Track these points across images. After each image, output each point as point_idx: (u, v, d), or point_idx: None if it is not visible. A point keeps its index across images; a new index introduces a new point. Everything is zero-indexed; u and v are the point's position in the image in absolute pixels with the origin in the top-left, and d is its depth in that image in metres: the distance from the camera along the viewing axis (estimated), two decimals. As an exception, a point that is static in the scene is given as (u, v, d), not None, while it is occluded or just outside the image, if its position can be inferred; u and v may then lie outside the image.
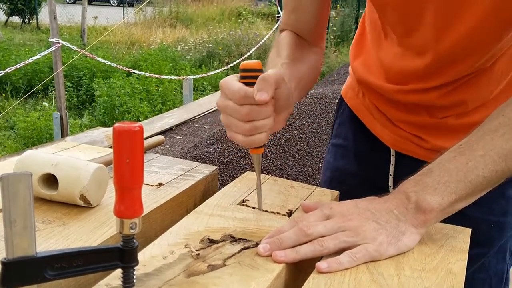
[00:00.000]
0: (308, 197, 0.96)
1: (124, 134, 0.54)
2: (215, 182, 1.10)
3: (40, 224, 0.78)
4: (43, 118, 5.58)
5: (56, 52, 4.83)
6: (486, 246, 1.05)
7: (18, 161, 0.85)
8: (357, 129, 1.18)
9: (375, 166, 1.15)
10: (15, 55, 8.00)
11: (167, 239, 0.75)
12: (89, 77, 7.26)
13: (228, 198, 0.92)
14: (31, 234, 0.51)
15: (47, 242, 0.73)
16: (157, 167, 1.07)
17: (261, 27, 13.35)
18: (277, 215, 0.87)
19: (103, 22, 13.71)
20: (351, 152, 1.20)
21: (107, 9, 16.47)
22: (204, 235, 0.77)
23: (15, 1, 14.09)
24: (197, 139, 4.67)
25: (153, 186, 0.97)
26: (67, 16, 13.99)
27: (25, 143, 5.27)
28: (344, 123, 1.23)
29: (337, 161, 1.23)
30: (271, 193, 0.96)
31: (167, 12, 15.74)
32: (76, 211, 0.83)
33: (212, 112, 5.92)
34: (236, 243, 0.76)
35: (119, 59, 8.66)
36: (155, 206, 0.88)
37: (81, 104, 7.09)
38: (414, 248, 0.79)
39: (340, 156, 1.23)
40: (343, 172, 1.21)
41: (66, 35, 10.58)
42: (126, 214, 0.56)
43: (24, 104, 6.83)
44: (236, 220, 0.83)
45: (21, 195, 0.49)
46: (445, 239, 0.84)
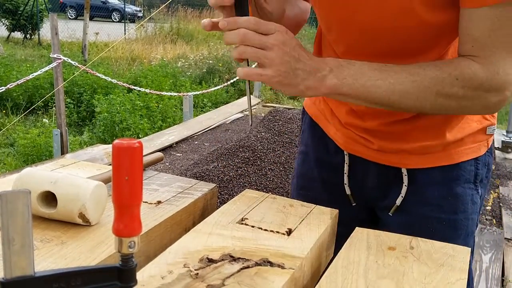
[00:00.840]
0: (307, 215, 0.96)
1: (124, 151, 0.54)
2: (214, 200, 1.10)
3: (38, 243, 0.77)
4: (43, 135, 5.57)
5: (57, 68, 4.84)
6: None
7: (17, 178, 0.85)
8: (316, 135, 1.28)
9: (332, 168, 1.24)
10: (16, 71, 8.02)
11: (165, 258, 0.75)
12: (90, 93, 7.26)
13: (227, 217, 0.92)
14: (30, 253, 0.51)
15: (45, 261, 0.73)
16: (156, 185, 1.07)
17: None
18: (276, 234, 0.87)
19: (104, 38, 13.78)
20: (312, 157, 1.29)
21: (109, 25, 16.57)
22: (203, 254, 0.77)
23: (17, 17, 14.19)
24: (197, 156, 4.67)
25: (152, 204, 0.96)
26: (69, 32, 14.08)
27: (24, 160, 5.26)
28: (305, 130, 1.33)
29: (301, 167, 1.33)
30: (270, 212, 0.96)
31: (168, 28, 15.83)
32: (75, 230, 0.83)
33: (212, 129, 5.93)
34: (235, 263, 0.75)
35: (120, 75, 8.68)
36: (154, 225, 0.87)
37: (81, 121, 7.09)
38: (413, 267, 0.79)
39: (302, 162, 1.32)
40: (306, 177, 1.30)
41: (67, 51, 10.63)
42: (125, 232, 0.55)
43: (24, 120, 6.83)
44: (235, 239, 0.83)
45: (19, 213, 0.49)
46: (445, 258, 0.84)
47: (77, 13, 21.94)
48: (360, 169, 1.20)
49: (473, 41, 0.91)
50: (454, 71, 0.91)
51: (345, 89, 0.92)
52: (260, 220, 0.91)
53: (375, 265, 0.80)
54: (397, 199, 1.15)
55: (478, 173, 1.14)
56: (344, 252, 0.85)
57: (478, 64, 0.90)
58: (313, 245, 0.84)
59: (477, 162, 1.13)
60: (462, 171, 1.12)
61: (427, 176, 1.13)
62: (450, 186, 1.12)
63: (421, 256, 0.84)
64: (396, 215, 1.16)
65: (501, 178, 4.66)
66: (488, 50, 0.90)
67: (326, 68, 0.92)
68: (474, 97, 0.93)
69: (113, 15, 23.29)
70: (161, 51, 12.84)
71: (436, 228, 1.09)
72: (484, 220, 3.74)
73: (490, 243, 3.18)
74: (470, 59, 0.92)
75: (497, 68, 0.90)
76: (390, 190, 1.16)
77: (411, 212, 1.14)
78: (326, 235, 0.93)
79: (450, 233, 1.11)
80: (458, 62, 0.92)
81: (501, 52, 0.89)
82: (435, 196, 1.13)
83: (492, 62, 0.90)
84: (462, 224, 1.13)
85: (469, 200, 1.14)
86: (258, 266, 0.75)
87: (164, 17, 17.73)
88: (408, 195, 1.14)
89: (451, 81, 0.91)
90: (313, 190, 1.26)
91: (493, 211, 3.92)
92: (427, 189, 1.13)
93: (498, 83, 0.91)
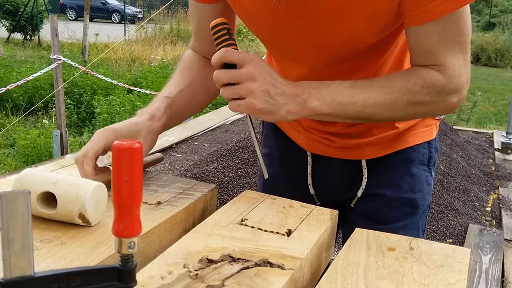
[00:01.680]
0: (307, 216, 0.96)
1: (123, 152, 0.54)
2: (214, 200, 1.10)
3: (38, 243, 0.77)
4: (43, 135, 5.57)
5: (57, 69, 4.85)
6: (401, 222, 1.21)
7: (17, 179, 0.85)
8: (278, 138, 1.34)
9: (296, 167, 1.31)
10: (16, 72, 8.02)
11: (165, 259, 0.75)
12: (90, 94, 7.27)
13: (227, 217, 0.92)
14: (29, 253, 0.51)
15: (45, 261, 0.73)
16: (156, 185, 1.07)
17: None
18: (276, 234, 0.87)
19: (104, 39, 13.77)
20: (276, 159, 1.35)
21: (109, 26, 16.57)
22: (202, 255, 0.77)
23: (18, 18, 14.19)
24: (196, 157, 4.67)
25: (152, 205, 0.96)
26: (69, 33, 14.08)
27: (24, 161, 5.26)
28: (268, 134, 1.40)
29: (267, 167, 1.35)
30: (270, 212, 0.96)
31: (168, 30, 15.83)
32: (75, 230, 0.83)
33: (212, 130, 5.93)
34: (235, 263, 0.75)
35: (120, 76, 8.68)
36: (153, 225, 0.87)
37: (81, 122, 7.09)
38: (413, 268, 0.79)
39: (269, 163, 1.37)
40: (272, 177, 1.33)
41: (67, 52, 10.63)
42: (125, 233, 0.55)
43: (24, 121, 6.84)
44: (235, 239, 0.83)
45: (19, 214, 0.49)
46: (444, 259, 0.84)
47: (77, 14, 21.94)
48: (323, 167, 1.27)
49: (425, 53, 0.98)
50: (418, 79, 0.98)
51: (325, 109, 0.96)
52: (260, 221, 0.91)
53: (375, 266, 0.80)
54: (358, 191, 1.23)
55: (431, 156, 1.24)
56: (344, 253, 0.85)
57: (436, 72, 0.98)
58: (313, 245, 0.84)
59: (430, 145, 1.23)
60: (416, 153, 1.22)
61: (385, 162, 1.21)
62: (406, 166, 1.21)
63: (420, 257, 0.84)
64: (359, 203, 1.24)
65: (500, 179, 4.66)
66: (440, 58, 0.98)
67: (304, 91, 0.96)
68: (438, 101, 1.00)
69: (113, 16, 23.30)
70: (161, 52, 12.84)
71: (396, 206, 1.19)
72: (484, 221, 3.74)
73: (490, 244, 3.17)
74: (427, 67, 0.99)
75: (453, 72, 0.98)
76: (352, 183, 1.24)
77: (372, 196, 1.22)
78: (326, 236, 0.94)
79: (408, 210, 1.21)
80: (419, 71, 0.99)
81: (452, 57, 0.97)
82: (394, 177, 1.21)
83: (447, 68, 0.98)
84: (419, 203, 1.22)
85: (424, 181, 1.23)
86: (258, 267, 0.75)
87: (164, 18, 17.72)
88: (368, 182, 1.22)
89: (417, 89, 0.98)
90: (279, 189, 1.28)
91: (493, 212, 3.92)
92: (386, 172, 1.21)
93: (456, 85, 0.99)
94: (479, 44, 16.24)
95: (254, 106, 0.92)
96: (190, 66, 1.23)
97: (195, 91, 1.18)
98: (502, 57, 16.46)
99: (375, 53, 1.08)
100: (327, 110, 0.96)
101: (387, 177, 1.21)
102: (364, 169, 1.21)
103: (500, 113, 9.30)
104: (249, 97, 0.92)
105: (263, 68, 0.94)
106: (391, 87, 0.98)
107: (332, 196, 1.28)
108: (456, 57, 0.97)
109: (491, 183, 4.54)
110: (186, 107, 1.19)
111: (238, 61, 0.94)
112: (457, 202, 3.92)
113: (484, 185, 4.46)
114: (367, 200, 1.23)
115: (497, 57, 16.39)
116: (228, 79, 0.93)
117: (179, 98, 1.15)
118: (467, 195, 4.10)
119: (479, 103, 8.12)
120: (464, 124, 7.55)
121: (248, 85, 0.92)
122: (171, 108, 1.12)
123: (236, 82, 0.93)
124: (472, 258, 2.95)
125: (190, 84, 1.18)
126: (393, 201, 1.20)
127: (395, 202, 1.20)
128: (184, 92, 1.16)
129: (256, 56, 0.95)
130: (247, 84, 0.92)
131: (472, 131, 6.57)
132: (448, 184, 4.17)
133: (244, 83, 0.92)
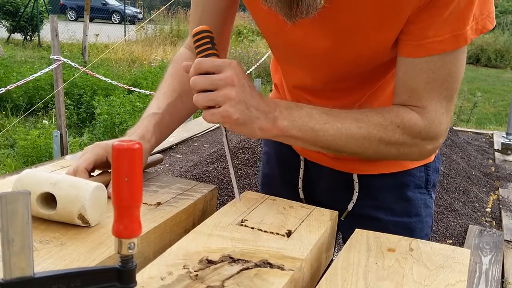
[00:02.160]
0: (307, 217, 0.96)
1: (123, 152, 0.54)
2: (214, 201, 1.10)
3: (37, 244, 0.77)
4: (43, 136, 5.57)
5: (57, 70, 4.85)
6: None
7: (17, 180, 0.85)
8: None
9: (290, 169, 1.31)
10: (16, 72, 8.02)
11: (165, 259, 0.75)
12: (90, 94, 7.27)
13: (227, 218, 0.92)
14: (29, 254, 0.51)
15: (45, 262, 0.73)
16: (155, 186, 1.07)
17: (261, 45, 13.43)
18: (276, 235, 0.87)
19: (104, 39, 13.78)
20: (273, 158, 1.36)
21: (109, 27, 16.57)
22: (202, 255, 0.77)
23: (18, 18, 14.19)
24: (196, 158, 4.67)
25: (152, 206, 0.96)
26: (69, 33, 14.09)
27: (24, 162, 5.26)
28: None
29: (264, 167, 1.41)
30: (270, 213, 0.96)
31: (168, 30, 15.84)
32: (74, 231, 0.83)
33: (212, 130, 5.93)
34: (235, 264, 0.75)
35: (120, 77, 8.68)
36: (153, 226, 0.87)
37: (81, 122, 7.09)
38: (413, 269, 0.79)
39: (266, 162, 1.39)
40: (269, 176, 1.38)
41: (67, 52, 10.63)
42: (124, 233, 0.55)
43: (24, 122, 6.84)
44: (235, 240, 0.83)
45: (19, 214, 0.49)
46: (444, 259, 0.84)
47: (77, 15, 21.96)
48: (314, 173, 1.27)
49: (410, 92, 0.95)
50: (396, 118, 0.95)
51: (294, 132, 0.92)
52: (259, 222, 0.91)
53: (375, 267, 0.80)
54: (348, 205, 1.20)
55: (429, 178, 1.20)
56: (344, 253, 0.85)
57: (416, 114, 0.95)
58: (312, 246, 0.84)
59: (427, 168, 1.19)
60: (412, 177, 1.18)
61: (379, 182, 1.18)
62: (401, 191, 1.18)
63: (420, 258, 0.84)
64: (349, 219, 1.21)
65: (500, 180, 4.66)
66: (424, 100, 0.94)
67: (276, 109, 0.92)
68: (412, 144, 0.97)
69: (113, 16, 23.31)
70: (161, 53, 12.85)
71: (391, 230, 1.08)
72: (484, 222, 3.74)
73: (490, 245, 3.17)
74: (408, 108, 0.96)
75: (433, 118, 0.95)
76: (341, 195, 1.21)
77: (363, 215, 1.19)
78: (326, 237, 0.94)
79: (404, 233, 1.13)
80: (398, 110, 0.96)
81: (436, 102, 0.94)
82: (388, 200, 1.18)
83: (428, 112, 0.95)
84: (416, 226, 1.19)
85: (421, 204, 1.19)
86: (258, 268, 0.75)
87: (164, 19, 17.72)
88: (360, 200, 1.19)
89: (393, 129, 0.95)
90: (276, 188, 1.32)
91: (493, 213, 3.92)
92: (379, 193, 1.18)
93: (434, 131, 0.96)
94: (479, 44, 16.25)
95: (231, 115, 0.87)
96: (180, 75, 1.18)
97: (184, 101, 1.14)
98: (502, 58, 16.46)
99: (375, 75, 1.06)
100: (296, 133, 0.92)
101: (379, 199, 1.18)
102: (356, 183, 1.18)
103: (500, 114, 9.30)
104: (226, 105, 0.87)
105: (242, 74, 0.89)
106: (366, 122, 0.94)
107: (320, 204, 1.24)
108: (440, 103, 0.94)
109: (491, 184, 4.55)
110: (176, 119, 1.17)
111: (214, 69, 0.88)
112: (457, 203, 3.92)
113: (484, 186, 4.46)
114: (358, 217, 1.19)
115: (497, 57, 16.40)
116: (206, 84, 0.88)
117: (168, 111, 1.12)
118: (467, 196, 4.10)
119: (479, 104, 8.12)
120: (464, 125, 7.56)
121: (226, 92, 0.86)
122: (160, 125, 1.10)
123: (213, 88, 0.87)
124: (472, 259, 2.95)
125: (180, 94, 1.14)
126: (388, 224, 1.17)
127: (389, 225, 1.16)
128: (173, 105, 1.13)
129: (234, 61, 0.90)
130: (225, 90, 0.87)
131: (472, 132, 6.57)
132: (448, 185, 4.18)
133: (222, 89, 0.87)
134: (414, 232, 1.18)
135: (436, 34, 0.89)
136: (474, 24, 0.89)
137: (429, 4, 0.87)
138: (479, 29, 0.90)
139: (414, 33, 0.90)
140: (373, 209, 1.19)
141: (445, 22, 0.88)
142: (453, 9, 0.86)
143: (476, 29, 0.90)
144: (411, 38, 0.91)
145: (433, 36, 0.89)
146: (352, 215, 1.21)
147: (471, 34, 0.90)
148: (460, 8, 0.86)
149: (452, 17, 0.87)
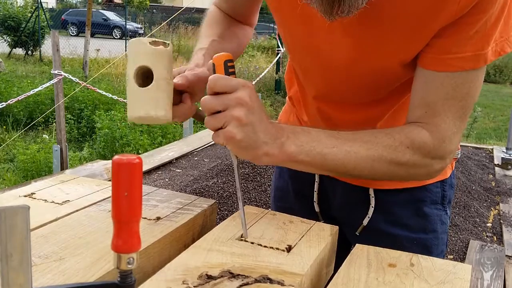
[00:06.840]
0: (307, 232, 0.95)
1: (123, 166, 0.54)
2: (213, 216, 1.09)
3: (36, 258, 0.77)
4: (43, 150, 5.58)
5: (58, 84, 4.86)
6: None
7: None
8: None
9: (304, 183, 1.28)
10: (17, 86, 8.05)
11: (164, 275, 0.74)
12: (91, 109, 7.29)
13: (226, 233, 0.91)
14: (28, 269, 0.50)
15: (43, 277, 0.72)
16: (155, 201, 1.07)
17: (261, 60, 13.49)
18: (276, 250, 0.86)
19: (105, 54, 13.85)
20: (286, 172, 1.34)
21: (110, 42, 16.66)
22: (202, 270, 0.76)
23: (19, 33, 14.27)
24: (196, 172, 4.66)
25: (151, 220, 0.96)
26: (70, 48, 14.16)
27: (24, 176, 5.26)
28: None
29: (277, 180, 1.39)
30: (270, 228, 0.95)
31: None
32: (73, 246, 0.82)
33: (212, 145, 5.93)
34: (235, 279, 0.75)
35: (121, 92, 8.70)
36: (153, 241, 0.87)
37: (81, 137, 7.10)
38: (414, 284, 0.79)
39: (278, 175, 1.38)
40: (281, 190, 1.36)
41: (68, 67, 10.68)
42: (124, 248, 0.55)
43: (24, 136, 6.85)
44: (234, 255, 0.83)
45: (18, 229, 0.49)
46: (445, 275, 0.83)
47: (79, 30, 22.10)
48: (329, 187, 1.25)
49: (426, 106, 0.93)
50: (406, 139, 0.93)
51: (302, 157, 0.90)
52: (259, 237, 0.91)
53: (375, 282, 0.80)
54: (363, 219, 1.18)
55: (445, 194, 1.18)
56: (344, 269, 0.84)
57: (428, 132, 0.93)
58: (313, 261, 0.83)
59: (444, 184, 1.17)
60: (428, 193, 1.16)
61: (395, 197, 1.16)
62: (417, 206, 1.16)
63: (421, 273, 0.84)
64: (364, 235, 1.19)
65: (501, 195, 4.65)
66: (439, 118, 0.93)
67: (283, 134, 0.89)
68: (421, 165, 0.95)
69: (114, 32, 23.47)
70: (161, 68, 12.86)
71: (406, 247, 1.07)
72: (485, 237, 3.73)
73: (491, 261, 3.16)
74: (420, 126, 0.94)
75: (444, 137, 0.94)
76: (357, 210, 1.20)
77: (379, 231, 1.17)
78: (326, 252, 0.93)
79: (420, 252, 1.11)
80: (408, 130, 0.95)
81: (450, 121, 0.93)
82: (403, 216, 1.16)
83: (440, 131, 0.93)
84: (432, 243, 1.17)
85: (437, 220, 1.18)
86: (258, 283, 0.74)
87: (165, 34, 17.81)
88: (375, 215, 1.17)
89: (403, 150, 0.93)
90: (288, 202, 1.31)
91: (494, 228, 3.90)
92: (395, 209, 1.16)
93: (443, 151, 0.95)
94: (478, 60, 16.29)
95: (234, 136, 0.83)
96: (217, 21, 1.19)
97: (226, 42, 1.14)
98: (501, 73, 16.52)
99: (397, 91, 1.05)
100: (304, 158, 0.90)
101: (395, 215, 1.16)
102: (372, 197, 1.16)
103: (499, 129, 9.31)
104: (231, 125, 0.83)
105: (255, 97, 0.86)
106: (375, 143, 0.92)
107: (335, 218, 1.24)
108: (454, 122, 0.93)
109: (491, 199, 4.53)
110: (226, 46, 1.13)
111: (228, 89, 0.84)
112: (458, 218, 3.91)
113: (484, 201, 4.45)
114: (373, 232, 1.18)
115: (496, 73, 16.45)
116: (216, 105, 0.84)
117: (213, 47, 1.08)
118: (468, 211, 4.09)
119: (479, 119, 8.14)
120: (464, 139, 7.56)
121: (235, 112, 0.83)
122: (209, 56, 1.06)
123: (223, 109, 0.84)
124: (473, 275, 2.93)
125: (220, 35, 1.13)
126: (403, 240, 1.15)
127: (404, 241, 1.14)
128: (216, 43, 1.11)
129: (249, 83, 0.87)
130: (233, 111, 0.83)
131: (472, 146, 6.56)
132: (449, 200, 4.16)
133: (231, 109, 0.83)
134: (431, 249, 1.16)
135: (458, 50, 0.88)
136: (494, 46, 0.88)
137: (459, 20, 0.86)
138: (498, 51, 0.89)
139: (437, 46, 0.89)
140: (389, 224, 1.17)
141: (470, 39, 0.87)
142: (479, 28, 0.86)
143: (495, 51, 0.89)
144: (433, 50, 0.90)
145: (455, 52, 0.88)
146: (367, 230, 1.19)
147: (491, 55, 0.89)
148: (486, 28, 0.86)
149: (478, 36, 0.86)
